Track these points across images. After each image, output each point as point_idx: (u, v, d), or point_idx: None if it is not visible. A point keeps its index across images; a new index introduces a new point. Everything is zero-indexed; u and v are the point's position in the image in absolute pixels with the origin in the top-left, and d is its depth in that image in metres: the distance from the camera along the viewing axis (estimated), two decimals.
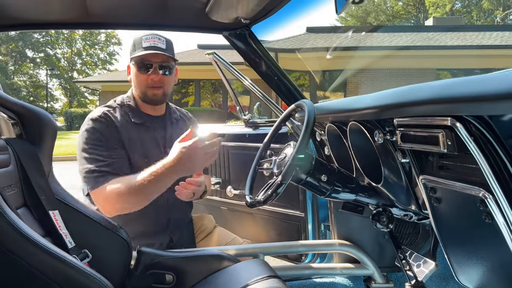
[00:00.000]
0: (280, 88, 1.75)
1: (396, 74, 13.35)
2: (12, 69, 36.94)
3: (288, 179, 1.13)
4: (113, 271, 1.28)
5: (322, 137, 1.61)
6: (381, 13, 37.78)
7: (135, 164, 1.53)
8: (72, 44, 39.91)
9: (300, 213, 1.90)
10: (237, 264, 1.42)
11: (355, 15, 37.37)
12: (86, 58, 40.52)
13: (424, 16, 34.33)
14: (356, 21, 36.92)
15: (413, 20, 36.80)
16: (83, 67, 40.74)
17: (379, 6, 37.81)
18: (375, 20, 37.06)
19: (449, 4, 33.85)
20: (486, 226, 0.86)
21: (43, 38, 37.66)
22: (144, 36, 1.53)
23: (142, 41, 1.52)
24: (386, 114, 1.03)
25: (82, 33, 38.78)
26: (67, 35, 38.78)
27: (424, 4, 35.74)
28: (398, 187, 1.20)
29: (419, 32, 15.77)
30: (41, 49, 38.05)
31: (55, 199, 1.22)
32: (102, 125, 1.50)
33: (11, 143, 1.16)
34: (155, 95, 1.57)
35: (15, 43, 35.94)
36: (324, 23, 42.94)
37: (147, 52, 1.49)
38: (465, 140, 0.80)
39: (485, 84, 0.72)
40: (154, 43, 1.51)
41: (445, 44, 13.80)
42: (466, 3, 35.01)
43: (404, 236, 1.70)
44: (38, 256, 0.91)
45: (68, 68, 39.99)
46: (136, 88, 1.60)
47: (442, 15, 31.96)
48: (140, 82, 1.56)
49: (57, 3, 1.31)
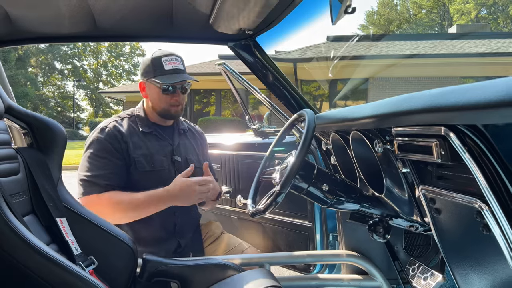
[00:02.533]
0: (286, 97, 1.76)
1: (419, 83, 13.12)
2: (41, 80, 38.30)
3: (287, 188, 1.13)
4: (119, 278, 1.31)
5: (328, 147, 1.60)
6: (404, 21, 37.36)
7: (141, 168, 1.58)
8: (98, 56, 41.07)
9: (308, 223, 1.89)
10: (241, 273, 1.42)
11: (377, 24, 37.09)
12: (112, 69, 41.60)
13: (448, 24, 33.73)
14: (378, 29, 36.61)
15: (437, 28, 36.21)
16: (108, 78, 41.83)
17: (402, 14, 37.41)
18: (397, 28, 36.66)
19: (474, 11, 33.17)
20: (484, 238, 0.83)
21: (71, 51, 38.93)
22: (164, 58, 1.61)
23: (163, 63, 1.61)
24: (384, 123, 1.02)
25: (108, 45, 39.91)
26: (94, 48, 39.96)
27: (448, 12, 35.16)
28: (400, 197, 1.18)
29: (442, 40, 15.50)
30: (69, 61, 39.34)
31: (63, 206, 1.25)
32: (108, 136, 1.58)
33: (21, 152, 1.20)
34: (177, 112, 1.69)
35: (44, 55, 37.31)
36: (346, 32, 42.75)
37: (173, 78, 1.60)
38: (459, 150, 0.78)
39: (477, 92, 0.70)
40: (175, 65, 1.62)
41: (469, 52, 13.50)
42: (492, 10, 34.23)
43: (414, 248, 1.67)
44: (40, 263, 0.93)
45: (94, 79, 41.13)
46: (155, 105, 1.68)
47: (467, 22, 31.33)
48: (163, 101, 1.65)
49: (67, 17, 1.37)
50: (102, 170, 1.54)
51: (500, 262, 0.82)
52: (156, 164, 1.61)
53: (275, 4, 1.23)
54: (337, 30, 61.85)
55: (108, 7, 1.33)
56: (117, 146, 1.58)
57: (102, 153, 1.56)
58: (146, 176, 1.59)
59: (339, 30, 63.75)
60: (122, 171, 1.57)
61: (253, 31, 1.52)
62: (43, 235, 1.17)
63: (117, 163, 1.56)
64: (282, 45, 13.12)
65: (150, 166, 1.60)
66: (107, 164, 1.55)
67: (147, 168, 1.59)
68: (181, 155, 1.70)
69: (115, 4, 1.32)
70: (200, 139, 1.88)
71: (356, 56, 13.82)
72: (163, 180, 1.61)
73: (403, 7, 37.56)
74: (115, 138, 1.58)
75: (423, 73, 13.11)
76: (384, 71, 13.58)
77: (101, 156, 1.56)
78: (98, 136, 1.59)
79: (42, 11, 1.34)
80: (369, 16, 38.73)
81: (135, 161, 1.58)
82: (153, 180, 1.59)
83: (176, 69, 1.62)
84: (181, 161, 1.68)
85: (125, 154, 1.58)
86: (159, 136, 1.68)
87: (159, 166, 1.62)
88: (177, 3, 1.31)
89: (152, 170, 1.60)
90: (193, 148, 1.79)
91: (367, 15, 39.11)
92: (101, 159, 1.56)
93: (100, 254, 1.24)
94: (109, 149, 1.57)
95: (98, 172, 1.54)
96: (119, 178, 1.56)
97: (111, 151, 1.57)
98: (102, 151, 1.56)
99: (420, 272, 1.43)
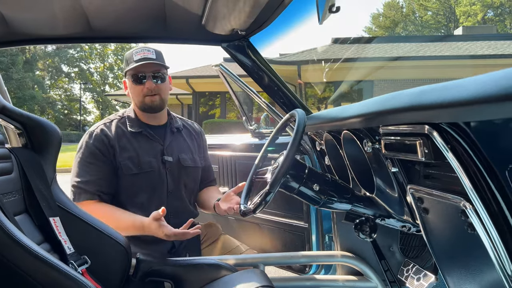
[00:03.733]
0: (281, 98, 1.76)
1: (424, 85, 13.04)
2: (48, 83, 38.64)
3: (276, 187, 1.13)
4: (112, 278, 1.31)
5: (321, 147, 1.60)
6: (410, 23, 37.24)
7: (127, 172, 1.58)
8: (105, 59, 41.40)
9: (304, 224, 1.89)
10: (234, 273, 1.42)
11: (382, 26, 37.00)
12: (118, 72, 41.87)
13: (454, 26, 33.55)
14: (384, 31, 36.51)
15: (443, 30, 36.04)
16: (114, 80, 42.13)
17: (408, 16, 37.29)
18: (403, 30, 36.53)
19: (480, 13, 32.98)
20: (470, 237, 0.83)
21: (78, 54, 39.29)
22: (135, 51, 1.62)
23: (133, 55, 1.60)
24: (371, 122, 1.02)
25: (114, 48, 40.22)
26: (100, 51, 40.28)
27: (454, 14, 34.98)
28: (391, 197, 1.18)
29: (448, 42, 15.41)
30: (76, 64, 39.70)
31: (57, 206, 1.26)
32: (95, 141, 1.59)
33: (15, 151, 1.22)
34: (153, 102, 1.63)
35: (51, 58, 37.64)
36: (351, 34, 42.68)
37: (139, 63, 1.57)
38: (442, 149, 0.78)
39: (457, 89, 0.70)
40: (144, 55, 1.59)
41: (475, 54, 13.42)
42: (498, 11, 34.01)
43: (410, 249, 1.66)
44: (29, 262, 0.93)
45: (100, 82, 41.46)
46: (134, 99, 1.67)
47: (474, 24, 31.15)
48: (137, 92, 1.63)
49: (61, 19, 1.38)
50: (91, 176, 1.55)
51: (486, 261, 0.82)
52: (143, 165, 1.60)
53: (264, 4, 1.23)
54: (342, 33, 61.84)
55: (102, 9, 1.35)
56: (104, 150, 1.58)
57: (90, 159, 1.57)
58: (134, 178, 1.58)
59: (344, 32, 63.82)
60: (110, 176, 1.58)
61: (246, 31, 1.53)
62: (36, 234, 1.18)
63: (104, 168, 1.57)
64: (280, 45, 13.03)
65: (137, 168, 1.59)
66: (96, 170, 1.56)
67: (134, 171, 1.58)
68: (172, 154, 1.68)
69: (108, 5, 1.33)
70: (198, 138, 1.84)
71: (360, 58, 13.79)
72: (153, 182, 1.61)
73: (409, 9, 37.44)
74: (102, 142, 1.59)
75: (428, 75, 13.04)
76: (389, 73, 13.54)
77: (89, 162, 1.57)
78: (86, 141, 1.60)
79: (37, 13, 1.35)
80: (375, 19, 38.67)
81: (121, 165, 1.58)
82: (142, 183, 1.60)
83: (145, 57, 1.58)
84: (172, 161, 1.66)
85: (112, 158, 1.58)
86: (149, 136, 1.66)
87: (147, 167, 1.61)
88: (169, 4, 1.32)
89: (139, 173, 1.59)
90: (188, 146, 1.76)
91: (372, 17, 39.08)
92: (89, 165, 1.57)
93: (93, 253, 1.25)
94: (96, 154, 1.57)
95: (88, 178, 1.55)
96: (108, 183, 1.57)
97: (98, 156, 1.57)
98: (90, 156, 1.58)
99: (413, 273, 1.42)
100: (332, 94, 14.82)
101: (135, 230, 1.49)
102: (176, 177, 1.68)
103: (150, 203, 1.60)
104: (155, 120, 1.71)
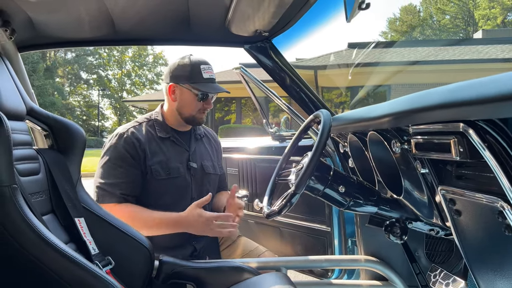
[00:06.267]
0: (303, 100, 1.74)
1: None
2: (68, 90, 39.44)
3: (302, 188, 1.11)
4: (135, 279, 1.31)
5: (345, 149, 1.58)
6: (427, 27, 36.80)
7: (156, 176, 1.58)
8: (122, 66, 42.04)
9: (326, 227, 1.86)
10: (257, 276, 1.40)
11: (399, 30, 36.66)
12: (135, 78, 42.48)
13: (474, 29, 32.99)
14: (401, 36, 36.16)
15: (461, 33, 35.49)
16: (132, 87, 42.71)
17: (425, 20, 36.87)
18: (421, 34, 36.12)
19: (500, 16, 32.37)
20: (507, 240, 0.80)
21: (96, 61, 40.04)
22: (202, 66, 1.61)
23: (202, 71, 1.61)
24: (401, 122, 0.99)
25: (132, 55, 40.84)
26: (118, 58, 40.94)
27: (473, 17, 34.43)
28: (419, 199, 1.15)
29: (467, 45, 15.17)
30: (94, 71, 40.44)
31: (82, 206, 1.28)
32: (125, 144, 1.57)
33: (42, 152, 1.23)
34: (202, 119, 1.69)
35: (71, 65, 38.45)
36: (367, 38, 42.40)
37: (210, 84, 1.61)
38: (478, 147, 0.75)
39: (496, 84, 0.67)
40: (211, 75, 1.63)
41: (495, 57, 13.16)
42: None
43: (436, 254, 1.61)
44: (57, 260, 0.94)
45: (118, 89, 42.07)
46: (185, 111, 1.66)
47: (493, 27, 30.58)
48: (194, 107, 1.64)
49: (87, 21, 1.40)
50: (117, 178, 1.54)
51: None
52: (172, 171, 1.60)
53: (289, 4, 1.22)
54: (359, 37, 61.50)
55: (127, 11, 1.36)
56: (135, 154, 1.56)
57: (119, 162, 1.56)
58: (162, 183, 1.59)
59: (360, 37, 63.45)
60: (138, 180, 1.57)
61: (269, 32, 1.52)
62: (62, 234, 1.19)
63: (133, 172, 1.56)
64: (299, 48, 12.99)
65: (166, 173, 1.59)
66: (123, 173, 1.55)
67: (163, 176, 1.58)
68: (196, 161, 1.69)
69: (133, 7, 1.34)
70: (216, 145, 1.87)
71: (377, 63, 13.67)
72: (179, 187, 1.62)
73: (426, 13, 37.02)
74: (133, 145, 1.57)
75: (446, 79, 12.82)
76: (406, 77, 13.38)
77: (117, 165, 1.55)
78: (116, 142, 1.58)
79: (63, 16, 1.38)
80: (391, 23, 38.34)
81: (151, 169, 1.57)
82: (169, 187, 1.60)
83: (212, 78, 1.64)
84: (197, 167, 1.68)
85: (142, 163, 1.57)
86: (176, 142, 1.67)
87: (175, 173, 1.61)
88: (193, 5, 1.32)
89: (168, 178, 1.59)
90: (209, 154, 1.78)
91: (389, 22, 38.75)
92: (117, 168, 1.55)
93: (117, 255, 1.25)
94: (126, 157, 1.56)
95: (114, 181, 1.54)
96: (134, 187, 1.56)
97: (128, 160, 1.56)
98: (119, 159, 1.56)
99: (441, 278, 1.38)
100: (348, 99, 14.72)
101: (167, 226, 1.50)
102: (199, 183, 1.69)
103: (174, 207, 1.59)
104: (182, 126, 1.72)
